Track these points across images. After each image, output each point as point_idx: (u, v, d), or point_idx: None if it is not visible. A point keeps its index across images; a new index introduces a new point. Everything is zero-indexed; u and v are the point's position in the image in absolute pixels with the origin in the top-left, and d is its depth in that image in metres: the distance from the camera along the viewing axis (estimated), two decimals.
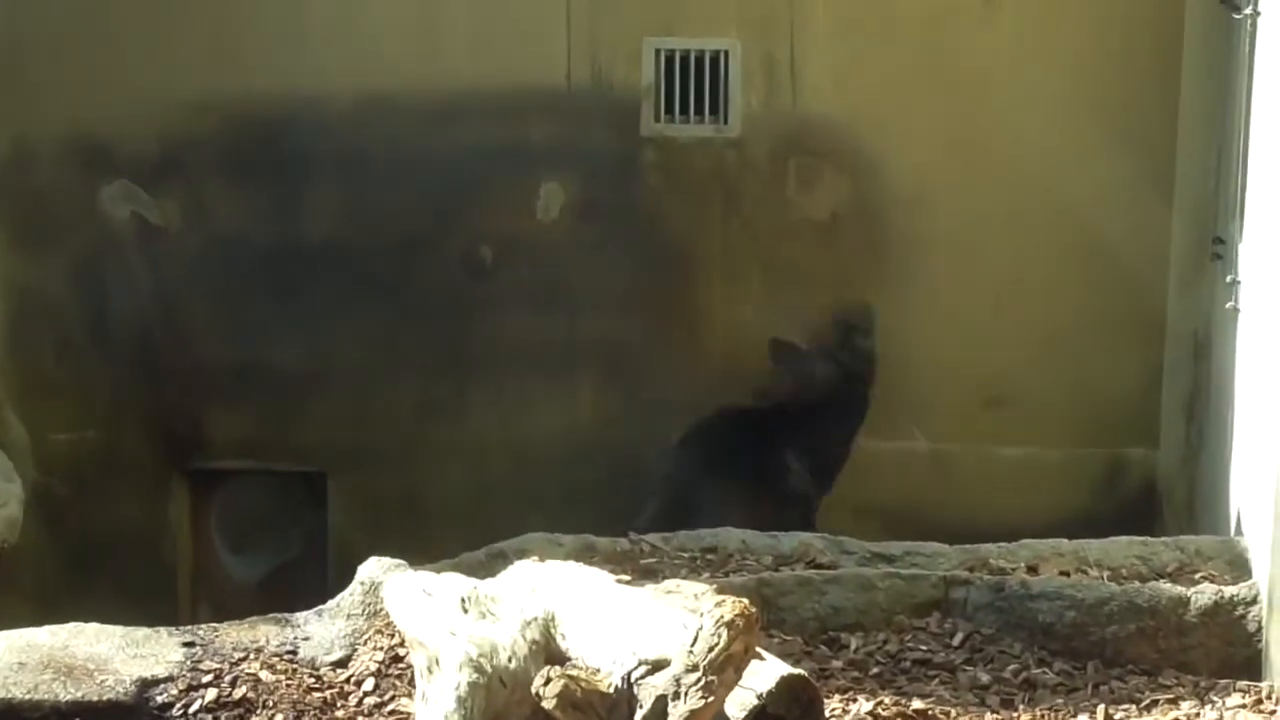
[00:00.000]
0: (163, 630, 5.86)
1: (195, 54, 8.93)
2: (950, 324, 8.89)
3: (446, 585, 5.36)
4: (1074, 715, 5.57)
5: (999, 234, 8.83)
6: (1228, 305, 7.21)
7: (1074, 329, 8.82)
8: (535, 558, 5.59)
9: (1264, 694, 5.71)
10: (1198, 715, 5.58)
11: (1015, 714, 5.58)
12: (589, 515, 7.06)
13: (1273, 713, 5.60)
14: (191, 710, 5.48)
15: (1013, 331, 8.89)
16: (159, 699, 5.51)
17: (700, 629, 4.54)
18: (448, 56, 8.92)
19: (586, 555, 6.18)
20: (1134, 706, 5.63)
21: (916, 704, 5.54)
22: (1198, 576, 6.23)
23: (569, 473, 8.83)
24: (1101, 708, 5.59)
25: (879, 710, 5.48)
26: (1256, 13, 6.97)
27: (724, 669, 4.50)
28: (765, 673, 4.61)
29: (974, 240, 8.84)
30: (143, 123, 9.01)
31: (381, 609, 5.74)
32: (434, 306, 9.06)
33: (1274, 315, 6.23)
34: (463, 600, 5.19)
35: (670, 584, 5.15)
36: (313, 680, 5.63)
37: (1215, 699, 5.67)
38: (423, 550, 6.22)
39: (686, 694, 4.49)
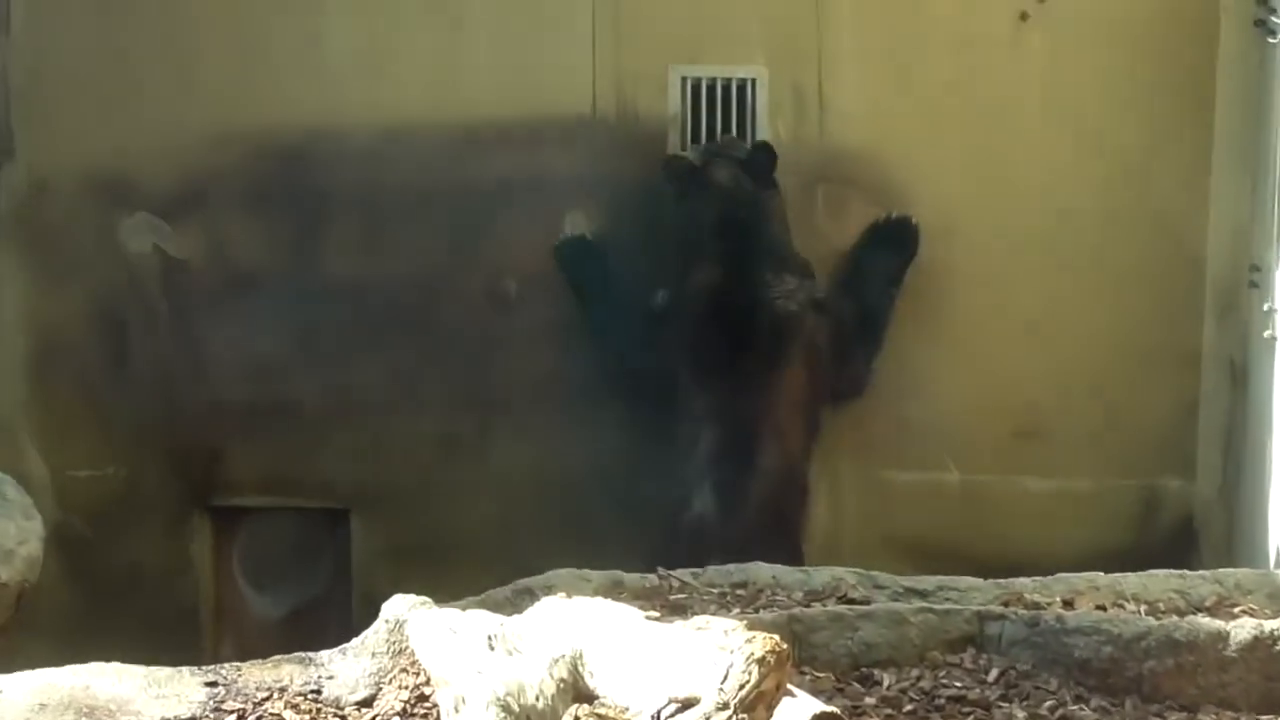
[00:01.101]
0: (185, 670, 5.83)
1: (215, 86, 8.96)
2: (981, 354, 8.88)
3: (472, 623, 5.33)
4: None
5: (1030, 263, 8.83)
6: (1265, 334, 7.19)
7: (1108, 358, 8.81)
8: (562, 594, 5.55)
9: None
10: None
11: None
12: (617, 550, 7.03)
13: None
14: None
15: (1045, 361, 8.87)
16: None
17: (731, 666, 4.51)
18: (469, 86, 8.94)
19: (614, 591, 6.15)
20: None
21: None
22: (1237, 610, 6.19)
23: (596, 508, 8.78)
24: None
25: None
26: None
27: (755, 706, 4.47)
28: (797, 710, 4.57)
29: (1005, 270, 8.83)
30: (163, 155, 9.02)
31: (407, 647, 5.71)
32: (457, 340, 9.05)
33: None
34: (489, 638, 5.17)
35: (700, 620, 5.11)
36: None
37: None
38: (448, 587, 6.19)
39: None
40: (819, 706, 4.62)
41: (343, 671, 5.81)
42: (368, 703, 5.69)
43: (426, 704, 5.60)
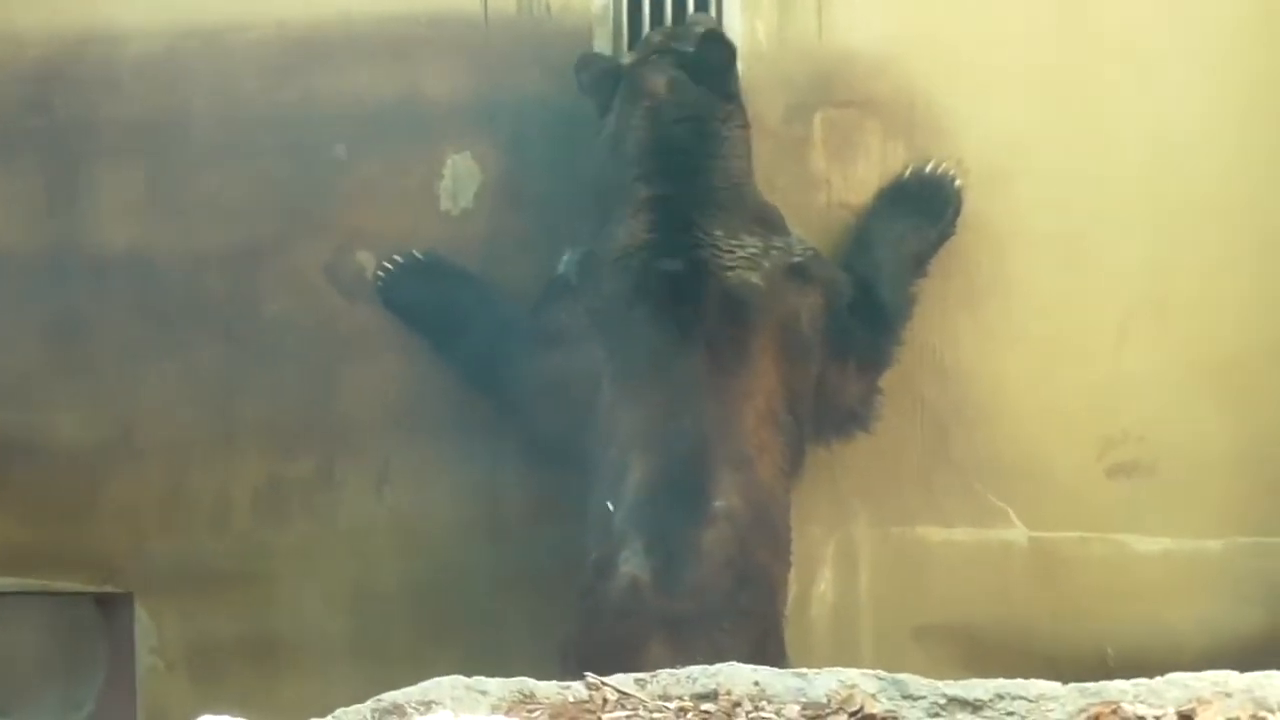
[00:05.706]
0: None
1: None
2: (1058, 358, 8.97)
3: None
4: None
5: (1129, 227, 8.94)
6: None
7: (1238, 363, 8.92)
8: (447, 713, 5.59)
9: None
10: None
11: None
12: (523, 646, 7.05)
13: None
14: None
15: (1150, 368, 8.96)
16: None
17: None
18: None
19: (523, 707, 6.17)
20: None
21: None
22: None
23: (492, 584, 8.87)
24: None
25: None
26: None
27: None
28: None
29: (1092, 236, 8.94)
30: None
31: None
32: (287, 343, 9.10)
33: None
34: None
35: None
36: None
37: None
38: (278, 703, 6.23)
39: None
40: None
41: None
42: None
43: None
